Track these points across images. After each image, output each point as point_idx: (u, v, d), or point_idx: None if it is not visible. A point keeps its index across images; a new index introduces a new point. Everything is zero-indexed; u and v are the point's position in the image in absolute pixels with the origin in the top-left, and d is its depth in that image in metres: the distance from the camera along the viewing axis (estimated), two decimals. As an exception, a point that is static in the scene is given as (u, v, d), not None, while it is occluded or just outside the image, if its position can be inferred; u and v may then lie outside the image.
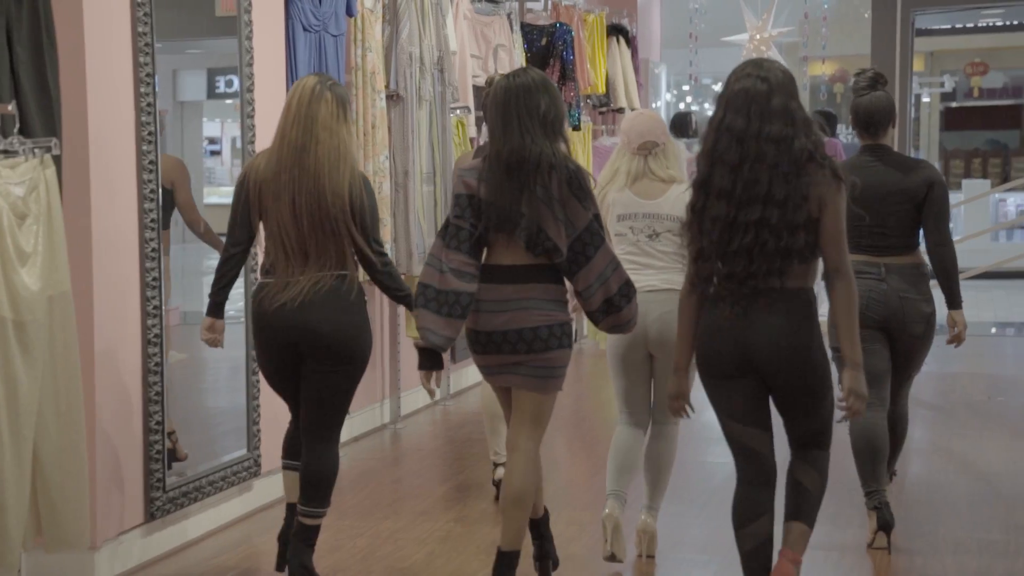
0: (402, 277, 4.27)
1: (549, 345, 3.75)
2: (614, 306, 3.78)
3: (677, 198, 4.30)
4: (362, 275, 4.11)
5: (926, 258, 4.70)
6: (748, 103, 3.38)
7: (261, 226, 4.08)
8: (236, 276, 4.13)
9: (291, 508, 4.23)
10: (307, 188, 3.91)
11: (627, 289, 3.81)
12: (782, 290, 3.40)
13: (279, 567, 4.26)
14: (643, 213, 4.38)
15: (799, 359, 3.43)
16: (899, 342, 4.63)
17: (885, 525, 4.54)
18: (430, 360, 3.92)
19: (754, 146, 3.36)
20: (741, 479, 3.61)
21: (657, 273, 4.34)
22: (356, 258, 4.02)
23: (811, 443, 3.61)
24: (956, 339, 4.79)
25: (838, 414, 3.57)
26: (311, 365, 4.01)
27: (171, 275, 4.92)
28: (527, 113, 3.70)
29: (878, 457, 4.56)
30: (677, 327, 3.64)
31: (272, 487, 5.32)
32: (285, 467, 4.31)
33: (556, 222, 3.69)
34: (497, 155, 3.72)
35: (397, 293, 4.11)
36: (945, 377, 8.42)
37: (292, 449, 4.26)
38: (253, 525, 5.03)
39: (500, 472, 5.12)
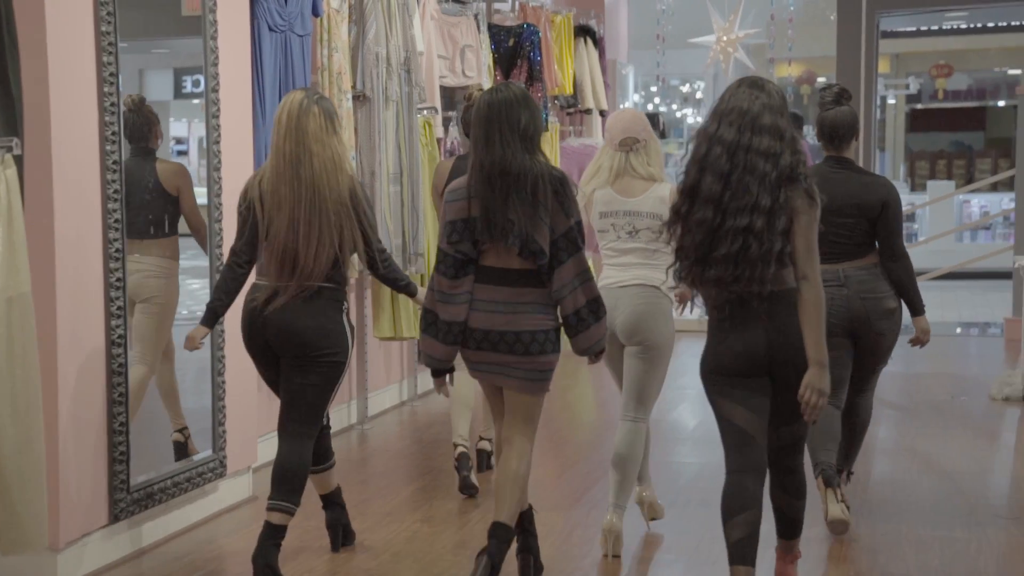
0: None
1: (544, 349, 3.94)
2: (583, 320, 3.91)
3: (657, 198, 4.46)
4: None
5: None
6: (740, 117, 3.60)
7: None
8: (240, 289, 4.33)
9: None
10: (307, 198, 4.12)
11: (595, 306, 3.93)
12: (771, 293, 3.58)
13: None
14: (623, 211, 4.52)
15: (798, 356, 3.59)
16: (865, 339, 4.79)
17: (828, 480, 4.69)
18: (441, 372, 4.15)
19: (744, 157, 3.57)
20: (732, 469, 3.71)
21: (637, 268, 4.48)
22: (363, 258, 4.29)
23: (791, 449, 3.79)
24: (918, 342, 5.01)
25: None
26: (287, 362, 4.23)
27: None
28: (508, 127, 3.88)
29: (828, 435, 4.73)
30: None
31: (238, 488, 5.30)
32: (270, 508, 4.30)
33: (543, 227, 3.86)
34: (480, 167, 3.90)
35: (398, 283, 4.42)
36: (910, 377, 8.49)
37: (279, 482, 4.33)
38: (219, 527, 5.01)
39: (484, 444, 5.63)
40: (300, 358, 4.20)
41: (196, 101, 5.55)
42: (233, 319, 5.15)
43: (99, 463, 4.41)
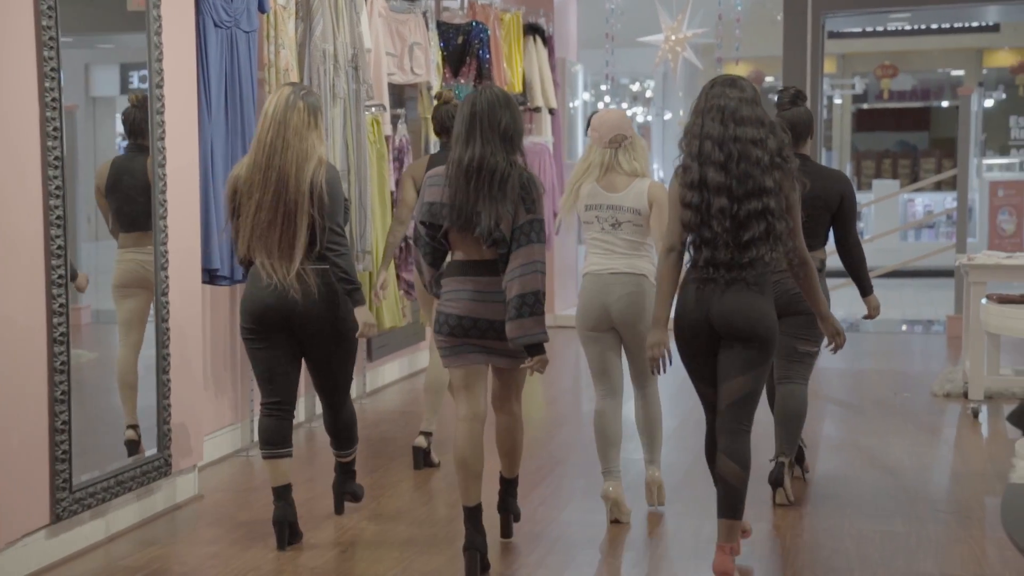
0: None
1: (520, 313, 4.14)
2: (516, 309, 4.11)
3: (639, 193, 4.81)
4: None
5: (829, 256, 5.42)
6: (721, 113, 3.98)
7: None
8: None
9: (276, 491, 4.60)
10: (275, 185, 4.40)
11: (532, 299, 4.12)
12: (764, 264, 4.05)
13: (280, 544, 4.60)
14: (607, 205, 4.84)
15: (767, 322, 4.09)
16: (785, 323, 5.04)
17: (774, 482, 5.11)
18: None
19: (735, 146, 3.96)
20: (709, 421, 4.30)
21: (620, 258, 4.83)
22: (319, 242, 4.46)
23: (740, 411, 4.15)
24: (870, 317, 5.42)
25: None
26: (307, 342, 4.59)
27: (92, 274, 5.00)
28: (489, 127, 4.18)
29: (792, 423, 5.14)
30: (657, 288, 4.18)
31: (183, 487, 5.27)
32: (266, 456, 4.61)
33: (507, 219, 4.15)
34: (459, 161, 4.19)
35: (345, 279, 4.51)
36: (855, 374, 8.59)
37: (270, 440, 4.61)
38: (163, 526, 4.98)
39: (420, 440, 5.81)
40: (318, 337, 4.57)
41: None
42: (177, 314, 5.13)
43: (40, 463, 4.36)
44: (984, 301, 6.52)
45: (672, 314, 4.18)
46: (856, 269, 5.25)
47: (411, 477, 5.70)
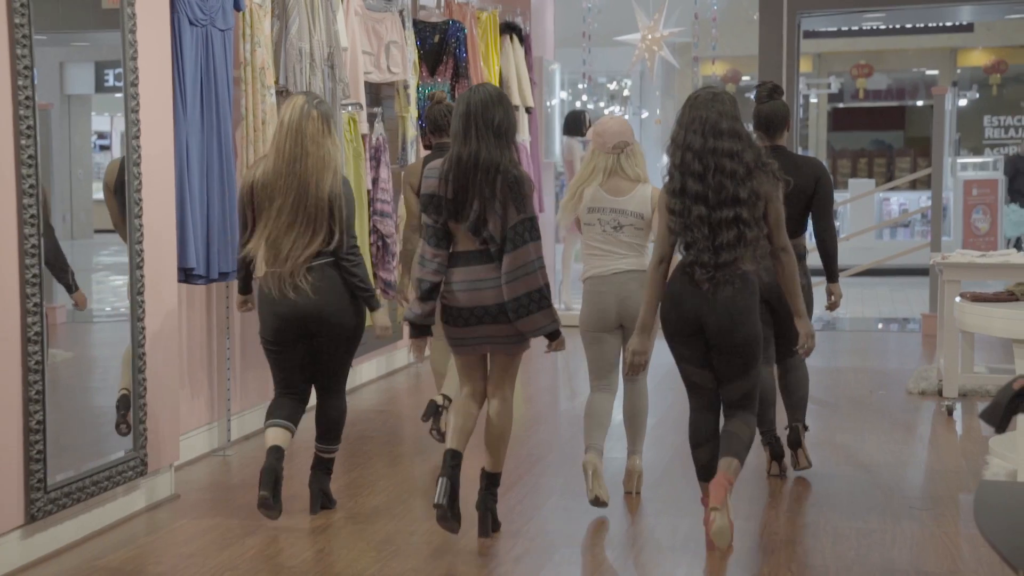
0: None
1: (519, 316, 4.43)
2: (523, 307, 4.41)
3: (643, 198, 5.07)
4: None
5: (807, 242, 5.59)
6: (702, 125, 4.32)
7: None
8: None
9: (270, 451, 4.80)
10: (296, 191, 4.67)
11: (538, 296, 4.40)
12: (741, 264, 4.36)
13: (263, 487, 4.71)
14: (610, 208, 5.08)
15: (749, 325, 4.44)
16: (779, 312, 5.24)
17: (776, 455, 5.53)
18: (418, 332, 4.64)
19: (712, 159, 4.30)
20: (693, 407, 4.62)
21: (622, 258, 5.09)
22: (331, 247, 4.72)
23: (747, 401, 4.55)
24: (833, 306, 5.63)
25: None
26: (318, 339, 4.82)
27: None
28: (484, 124, 4.41)
29: (767, 402, 5.37)
30: (645, 295, 4.55)
31: (159, 487, 5.25)
32: (269, 425, 4.87)
33: (496, 217, 4.38)
34: (457, 158, 4.43)
35: (361, 287, 4.80)
36: (831, 372, 8.63)
37: (278, 414, 4.89)
38: (139, 525, 4.95)
39: (439, 398, 6.08)
40: (321, 333, 4.83)
41: (119, 95, 5.48)
42: (153, 313, 5.11)
43: (14, 463, 4.33)
44: (958, 300, 6.56)
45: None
46: (829, 253, 5.51)
47: (388, 476, 5.69)
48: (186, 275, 5.53)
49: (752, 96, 5.68)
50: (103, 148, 8.40)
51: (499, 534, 4.75)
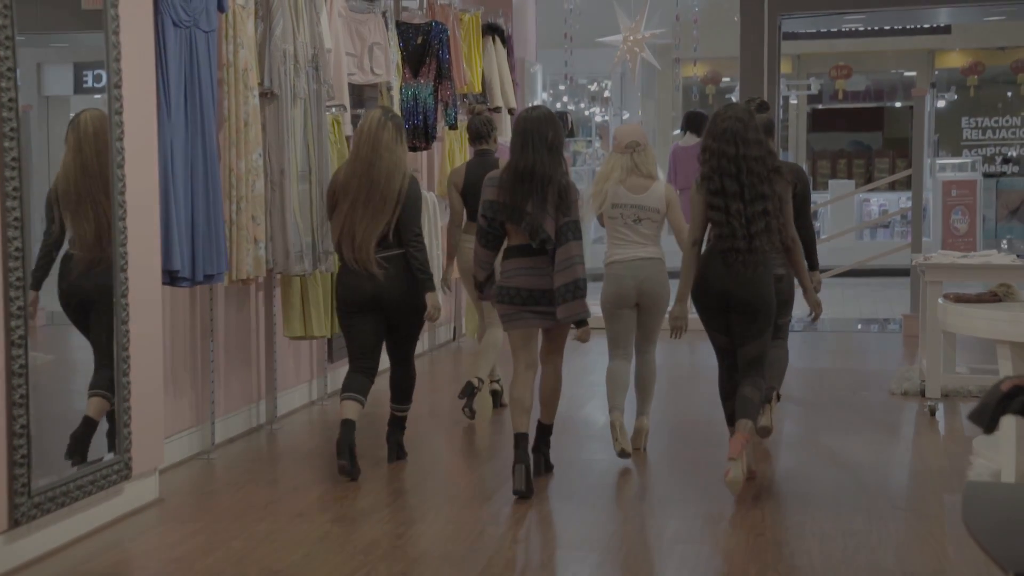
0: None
1: (565, 299, 5.20)
2: (562, 295, 5.17)
3: (658, 196, 5.95)
4: None
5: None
6: (734, 136, 5.20)
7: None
8: None
9: (344, 424, 5.59)
10: (368, 189, 5.53)
11: (574, 287, 5.16)
12: (767, 248, 5.28)
13: (340, 456, 5.55)
14: (631, 204, 5.92)
15: (768, 297, 5.32)
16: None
17: (766, 398, 5.95)
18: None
19: (744, 163, 5.20)
20: (721, 367, 5.52)
21: (642, 247, 5.94)
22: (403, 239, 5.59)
23: (757, 364, 5.34)
24: (816, 305, 6.01)
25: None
26: (391, 316, 5.70)
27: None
28: (539, 139, 5.22)
29: (778, 367, 6.30)
30: (683, 271, 5.35)
31: (144, 491, 5.22)
32: (345, 398, 5.66)
33: (549, 220, 5.20)
34: (515, 168, 5.24)
35: (421, 270, 5.63)
36: (813, 372, 8.67)
37: (352, 388, 5.68)
38: (123, 530, 4.92)
39: (496, 386, 7.27)
40: (397, 312, 5.70)
41: (98, 96, 5.44)
42: (137, 316, 5.08)
43: (-1, 467, 4.30)
44: (941, 301, 6.59)
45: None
46: (809, 247, 6.26)
47: (373, 479, 5.68)
48: (171, 278, 5.50)
49: (732, 98, 6.08)
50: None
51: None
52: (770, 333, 5.39)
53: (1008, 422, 4.62)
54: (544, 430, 5.65)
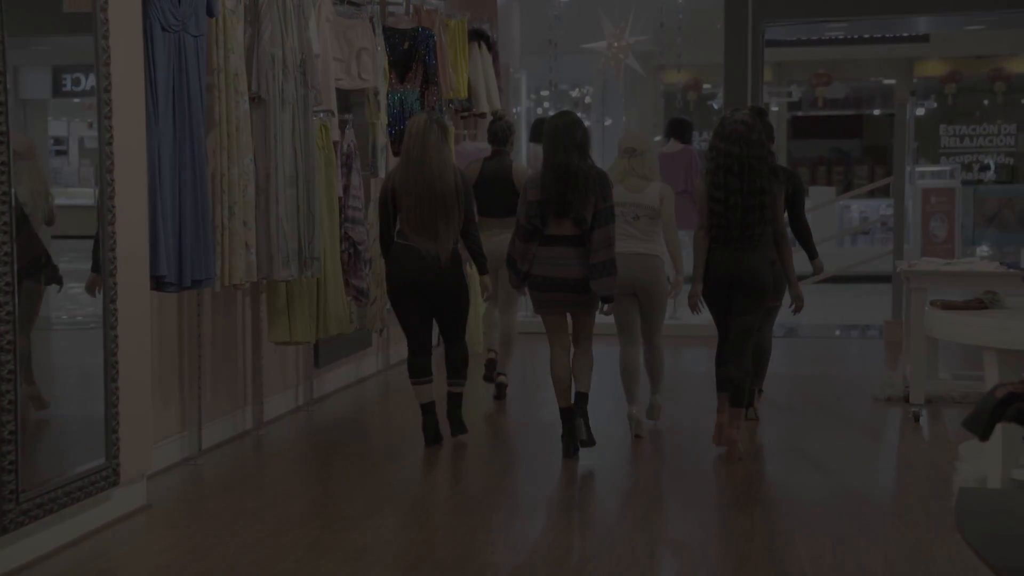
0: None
1: (601, 274, 5.88)
2: (598, 271, 5.85)
3: (653, 195, 6.53)
4: None
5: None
6: (740, 138, 5.88)
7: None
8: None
9: (424, 407, 6.36)
10: (425, 185, 6.11)
11: (610, 265, 5.85)
12: (762, 236, 5.97)
13: (429, 437, 6.35)
14: (629, 203, 6.49)
15: (764, 278, 6.02)
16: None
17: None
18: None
19: (747, 162, 5.87)
20: (720, 337, 6.20)
21: (641, 242, 6.49)
22: (460, 228, 6.22)
23: (743, 335, 6.03)
24: (798, 300, 6.47)
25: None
26: (440, 299, 6.27)
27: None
28: (570, 141, 5.90)
29: (763, 357, 6.89)
30: (695, 253, 6.03)
31: (132, 497, 5.19)
32: (415, 383, 6.35)
33: (590, 205, 5.85)
34: (550, 167, 5.91)
35: (477, 252, 6.34)
36: (796, 378, 8.70)
37: (417, 372, 6.34)
38: (111, 537, 4.89)
39: (503, 379, 7.73)
40: (448, 296, 6.29)
41: (76, 100, 5.41)
42: (125, 321, 5.05)
43: (-12, 473, 4.27)
44: (927, 308, 6.62)
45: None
46: (804, 240, 6.87)
47: (361, 485, 5.66)
48: (157, 283, 5.47)
49: (714, 105, 6.46)
50: (60, 153, 8.30)
51: (472, 541, 4.76)
52: (762, 311, 6.09)
53: (995, 428, 4.64)
54: (581, 398, 6.13)
